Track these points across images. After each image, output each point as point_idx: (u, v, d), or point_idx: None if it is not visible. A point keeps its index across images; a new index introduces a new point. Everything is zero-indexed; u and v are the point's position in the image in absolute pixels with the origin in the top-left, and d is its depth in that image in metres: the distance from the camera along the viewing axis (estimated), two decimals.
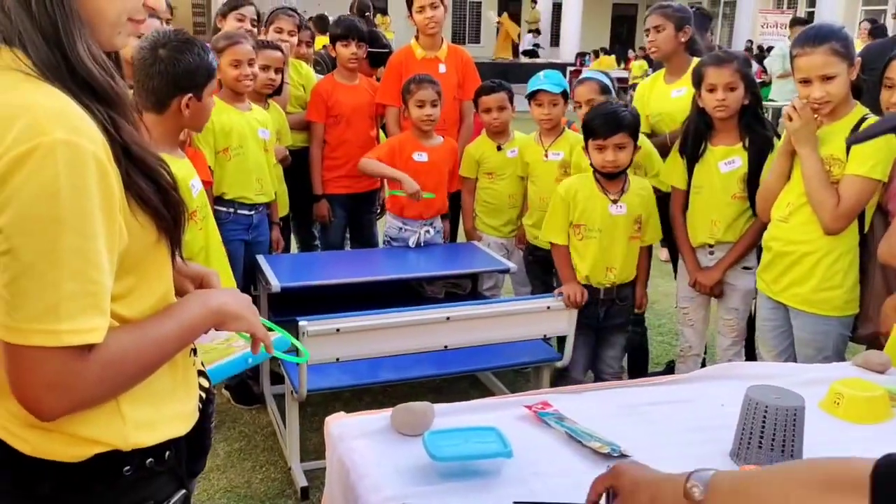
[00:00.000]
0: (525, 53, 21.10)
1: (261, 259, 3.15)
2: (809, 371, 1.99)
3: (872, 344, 2.41)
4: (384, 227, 3.70)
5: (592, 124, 2.81)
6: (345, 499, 1.50)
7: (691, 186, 2.97)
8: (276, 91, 3.54)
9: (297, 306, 2.79)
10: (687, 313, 3.12)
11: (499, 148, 3.51)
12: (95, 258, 0.94)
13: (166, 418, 1.12)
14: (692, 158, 2.94)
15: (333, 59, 3.98)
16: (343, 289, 3.10)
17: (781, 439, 1.47)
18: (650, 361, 3.71)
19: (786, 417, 1.47)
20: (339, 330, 2.50)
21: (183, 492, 1.17)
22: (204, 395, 1.24)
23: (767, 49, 12.74)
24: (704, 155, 2.90)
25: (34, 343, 0.91)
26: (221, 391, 3.34)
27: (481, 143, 3.56)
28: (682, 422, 1.69)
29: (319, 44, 5.11)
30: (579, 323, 2.88)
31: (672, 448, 1.53)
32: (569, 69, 15.06)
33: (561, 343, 3.00)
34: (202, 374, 1.27)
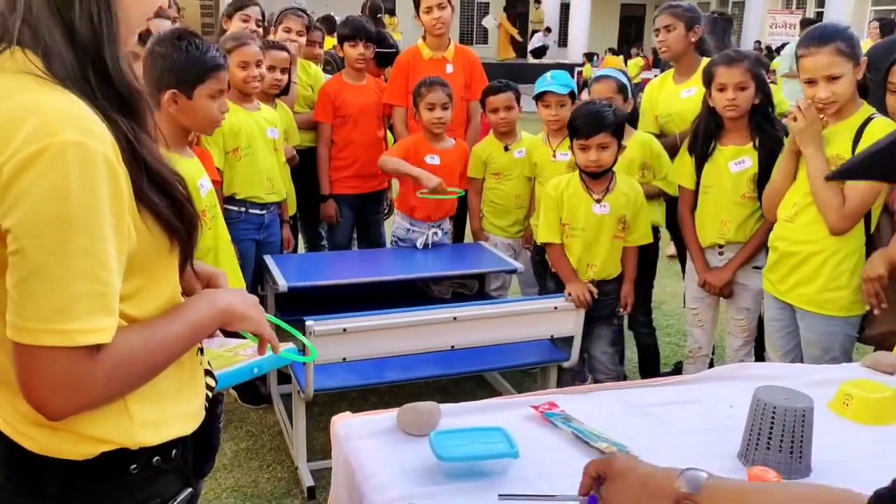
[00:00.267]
0: (533, 52, 21.06)
1: (268, 259, 3.15)
2: (818, 372, 1.98)
3: (880, 345, 2.40)
4: (391, 228, 3.70)
5: (575, 123, 2.82)
6: (351, 498, 1.50)
7: (700, 186, 2.96)
8: (284, 91, 3.55)
9: (304, 306, 2.80)
10: (697, 314, 3.11)
11: (506, 148, 3.50)
12: (104, 259, 0.94)
13: (173, 417, 1.12)
14: (701, 158, 2.93)
15: (343, 60, 3.99)
16: (350, 289, 3.10)
17: (790, 440, 1.46)
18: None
19: (794, 418, 1.46)
20: (346, 330, 2.50)
21: (189, 490, 1.17)
22: (211, 395, 1.24)
23: (776, 49, 12.68)
24: (714, 154, 2.90)
25: (44, 343, 0.91)
26: (229, 391, 3.33)
27: (488, 144, 3.56)
28: (690, 422, 1.68)
29: (328, 44, 5.11)
30: None
31: (680, 449, 1.52)
32: (576, 69, 15.03)
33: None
34: (209, 374, 1.27)
